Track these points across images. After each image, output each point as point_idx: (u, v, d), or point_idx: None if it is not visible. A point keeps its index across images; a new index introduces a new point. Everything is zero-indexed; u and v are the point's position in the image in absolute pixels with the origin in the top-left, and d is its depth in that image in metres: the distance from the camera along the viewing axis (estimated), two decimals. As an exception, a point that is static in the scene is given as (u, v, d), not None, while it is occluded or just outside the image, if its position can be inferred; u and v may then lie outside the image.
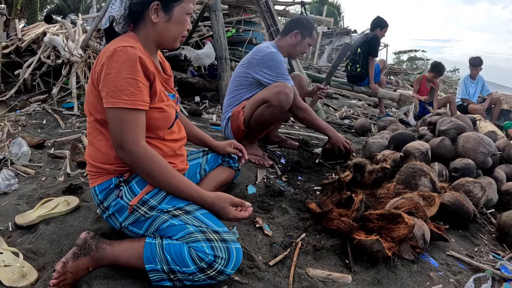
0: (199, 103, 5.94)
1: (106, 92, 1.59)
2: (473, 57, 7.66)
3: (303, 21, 3.32)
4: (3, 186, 2.68)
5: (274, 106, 2.91)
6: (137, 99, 1.60)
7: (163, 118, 1.79)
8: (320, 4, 27.71)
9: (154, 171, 1.65)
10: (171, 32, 1.79)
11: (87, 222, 2.15)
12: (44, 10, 23.29)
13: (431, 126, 3.63)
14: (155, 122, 1.76)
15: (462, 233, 2.55)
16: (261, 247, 2.05)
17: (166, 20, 1.75)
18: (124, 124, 1.60)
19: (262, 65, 3.06)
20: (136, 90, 1.60)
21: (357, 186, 2.67)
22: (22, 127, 4.34)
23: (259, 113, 2.99)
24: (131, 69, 1.59)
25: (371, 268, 1.98)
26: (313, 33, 3.34)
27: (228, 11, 8.93)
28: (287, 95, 2.91)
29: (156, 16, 1.74)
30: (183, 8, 1.77)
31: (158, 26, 1.76)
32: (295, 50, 3.31)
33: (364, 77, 6.42)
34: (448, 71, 31.00)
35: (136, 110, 1.61)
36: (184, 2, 1.77)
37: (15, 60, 6.40)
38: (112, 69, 1.58)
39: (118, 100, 1.58)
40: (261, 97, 2.98)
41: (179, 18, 1.78)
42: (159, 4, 1.72)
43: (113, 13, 1.74)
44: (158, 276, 1.56)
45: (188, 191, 1.71)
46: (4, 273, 1.73)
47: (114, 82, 1.58)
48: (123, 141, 1.60)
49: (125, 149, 1.61)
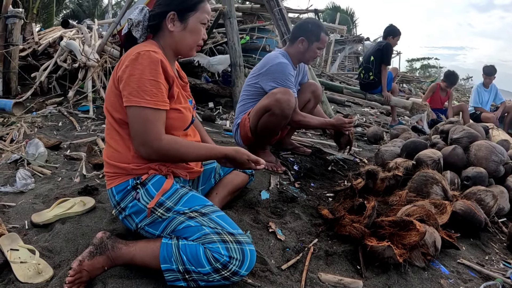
0: (213, 109, 5.98)
1: (129, 91, 1.66)
2: (487, 65, 7.57)
3: (308, 26, 3.21)
4: (19, 185, 2.73)
5: (276, 115, 2.90)
6: (159, 100, 1.69)
7: (180, 119, 1.86)
8: (334, 11, 27.69)
9: (182, 154, 1.78)
10: (186, 40, 1.90)
11: (103, 223, 2.19)
12: (59, 14, 23.57)
13: (443, 135, 3.62)
14: (172, 122, 1.82)
15: (473, 241, 2.55)
16: (274, 251, 2.07)
17: (181, 29, 1.86)
18: (148, 122, 1.67)
19: (269, 75, 3.05)
20: (158, 91, 1.68)
21: (369, 193, 2.68)
22: (38, 128, 4.42)
23: (264, 121, 3.00)
24: (154, 72, 1.68)
25: (382, 274, 1.99)
26: (321, 36, 3.18)
27: (242, 18, 8.99)
28: (288, 101, 2.88)
29: (173, 25, 1.85)
30: (198, 18, 1.88)
31: (174, 35, 1.87)
32: (304, 57, 3.24)
33: (376, 85, 6.40)
34: (461, 79, 30.81)
35: (157, 110, 1.69)
36: (199, 12, 1.88)
37: (32, 63, 6.52)
38: (136, 71, 1.66)
39: (141, 100, 1.65)
40: (263, 105, 2.97)
41: (194, 27, 1.88)
42: (175, 14, 1.83)
43: (131, 17, 1.86)
44: (173, 276, 1.59)
45: (214, 153, 1.88)
46: (20, 270, 1.77)
47: (138, 83, 1.66)
48: (146, 139, 1.67)
49: (149, 146, 1.68)
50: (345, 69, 18.49)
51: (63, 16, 24.00)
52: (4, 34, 5.84)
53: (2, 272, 1.81)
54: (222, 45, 7.00)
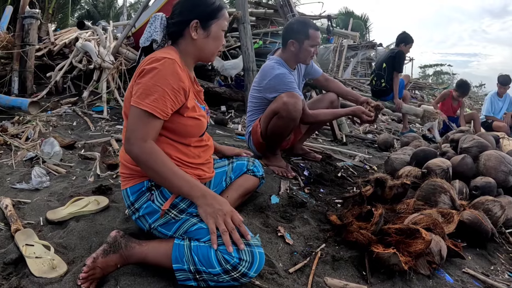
0: (225, 112, 6.03)
1: (135, 92, 1.72)
2: (502, 75, 7.46)
3: (293, 27, 3.15)
4: (35, 182, 2.80)
5: (284, 117, 2.92)
6: (158, 107, 1.69)
7: (197, 125, 1.90)
8: (347, 17, 27.60)
9: (157, 170, 1.69)
10: (209, 47, 1.94)
11: (116, 222, 2.24)
12: (74, 15, 23.75)
13: (453, 144, 3.63)
14: (190, 129, 1.87)
15: (479, 251, 2.55)
16: (282, 255, 2.11)
17: (204, 36, 1.90)
18: (140, 122, 1.69)
19: (270, 89, 3.06)
20: (160, 99, 1.69)
21: (377, 200, 2.70)
22: (53, 127, 4.49)
23: (272, 125, 3.02)
24: (163, 80, 1.70)
25: (387, 281, 2.01)
26: (310, 34, 3.08)
27: (256, 23, 9.04)
28: (294, 103, 2.89)
29: (196, 33, 1.88)
30: (219, 25, 1.92)
31: (197, 42, 1.90)
32: (299, 58, 3.20)
33: (388, 92, 6.40)
34: (474, 86, 30.57)
35: (152, 115, 1.69)
36: (220, 20, 1.92)
37: (48, 63, 6.61)
38: (148, 75, 1.71)
39: (141, 102, 1.69)
40: (271, 109, 3.01)
41: (216, 35, 1.93)
42: (198, 22, 1.86)
43: (155, 37, 1.89)
44: (184, 275, 1.64)
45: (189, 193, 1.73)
46: (35, 264, 1.82)
47: (144, 86, 1.70)
48: (132, 136, 1.69)
49: (132, 143, 1.69)
50: (357, 74, 18.43)
51: (78, 16, 24.19)
52: (21, 34, 5.95)
53: (17, 266, 1.87)
54: (236, 49, 7.05)
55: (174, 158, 1.85)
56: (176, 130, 1.84)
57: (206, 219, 1.68)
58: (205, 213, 1.69)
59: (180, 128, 1.84)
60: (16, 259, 1.88)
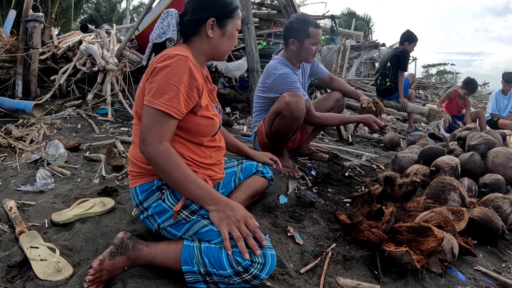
0: (230, 114, 6.01)
1: (149, 91, 1.69)
2: (507, 72, 7.45)
3: (293, 25, 3.10)
4: (40, 184, 2.78)
5: (287, 117, 2.90)
6: (173, 106, 1.67)
7: (211, 125, 1.88)
8: (350, 17, 27.65)
9: (170, 172, 1.67)
10: (223, 46, 1.93)
11: (122, 223, 2.22)
12: (77, 19, 23.85)
13: (461, 141, 3.60)
14: (203, 129, 1.85)
15: (490, 249, 2.52)
16: (292, 255, 2.08)
17: (220, 35, 1.89)
18: (155, 122, 1.67)
19: (274, 89, 3.05)
20: (175, 98, 1.67)
21: (386, 199, 2.67)
22: (58, 130, 4.49)
23: (276, 125, 3.00)
24: (177, 78, 1.67)
25: (400, 280, 1.98)
26: (310, 32, 3.05)
27: (259, 24, 9.02)
28: (296, 102, 2.86)
29: (212, 31, 1.86)
30: (235, 25, 1.92)
31: (213, 41, 1.88)
32: (301, 57, 3.17)
33: (393, 91, 6.37)
34: (478, 85, 30.56)
35: (168, 115, 1.67)
36: (236, 19, 1.91)
37: (51, 66, 6.61)
38: (160, 73, 1.68)
39: (155, 101, 1.66)
40: (274, 109, 2.99)
41: (232, 34, 1.92)
42: (215, 20, 1.84)
43: (171, 36, 1.85)
44: (194, 278, 1.61)
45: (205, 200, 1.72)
46: (40, 267, 1.80)
47: (158, 85, 1.67)
48: (147, 136, 1.66)
49: (147, 143, 1.66)
50: (360, 75, 18.43)
51: (80, 21, 24.29)
52: (24, 37, 5.94)
53: (22, 269, 1.84)
54: (239, 50, 7.04)
55: (186, 157, 1.83)
56: (189, 129, 1.82)
57: (219, 226, 1.65)
58: (218, 219, 1.67)
59: (193, 127, 1.82)
60: (21, 262, 1.86)
